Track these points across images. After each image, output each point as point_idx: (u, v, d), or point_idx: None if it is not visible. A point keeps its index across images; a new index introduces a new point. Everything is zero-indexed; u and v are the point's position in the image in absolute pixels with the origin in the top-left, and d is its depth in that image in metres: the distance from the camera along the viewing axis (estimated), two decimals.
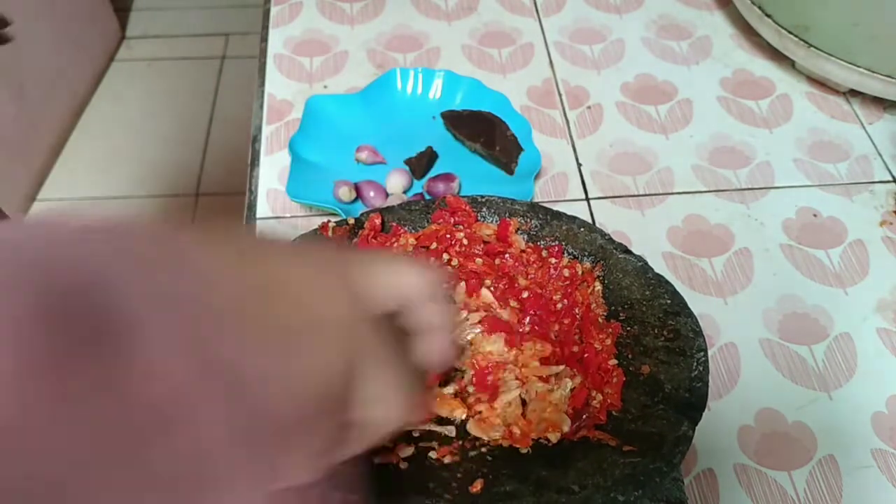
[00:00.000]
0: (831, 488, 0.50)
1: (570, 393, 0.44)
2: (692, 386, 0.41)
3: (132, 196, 1.69)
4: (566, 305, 0.48)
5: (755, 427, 0.52)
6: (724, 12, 0.83)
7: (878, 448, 0.51)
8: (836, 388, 0.54)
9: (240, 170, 0.77)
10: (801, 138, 0.71)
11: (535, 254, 0.50)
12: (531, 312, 0.48)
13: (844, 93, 0.74)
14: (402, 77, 0.71)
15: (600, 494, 0.36)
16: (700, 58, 0.78)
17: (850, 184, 0.67)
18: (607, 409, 0.42)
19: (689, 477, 0.50)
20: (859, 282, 0.60)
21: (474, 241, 0.50)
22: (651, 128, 0.71)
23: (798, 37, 0.71)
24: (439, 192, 0.62)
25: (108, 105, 1.86)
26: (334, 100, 0.69)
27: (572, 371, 0.45)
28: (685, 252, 0.62)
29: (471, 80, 0.70)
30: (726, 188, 0.66)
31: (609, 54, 0.78)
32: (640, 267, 0.48)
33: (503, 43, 0.79)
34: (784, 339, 0.57)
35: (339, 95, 0.70)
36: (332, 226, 0.50)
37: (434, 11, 0.82)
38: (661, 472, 0.37)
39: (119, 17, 2.02)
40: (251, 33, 2.02)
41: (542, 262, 0.49)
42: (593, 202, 0.65)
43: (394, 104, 0.70)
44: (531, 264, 0.49)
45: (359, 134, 0.68)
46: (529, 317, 0.48)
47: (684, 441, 0.39)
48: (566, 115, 0.72)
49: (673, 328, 0.44)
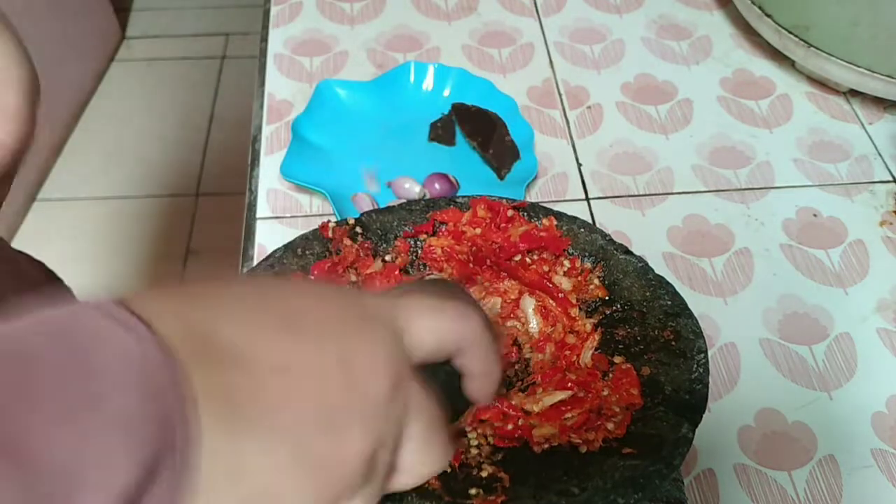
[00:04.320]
0: (831, 488, 0.50)
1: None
2: (692, 388, 0.41)
3: (132, 196, 1.69)
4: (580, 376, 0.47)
5: (755, 427, 0.52)
6: (724, 12, 0.83)
7: (878, 448, 0.51)
8: (836, 388, 0.54)
9: (240, 170, 0.77)
10: (801, 138, 0.71)
11: None
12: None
13: (844, 93, 0.74)
14: (417, 71, 0.71)
15: (600, 497, 0.36)
16: (700, 58, 0.78)
17: (850, 184, 0.67)
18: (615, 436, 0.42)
19: (689, 477, 0.50)
20: (859, 282, 0.60)
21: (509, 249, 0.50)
22: (651, 128, 0.71)
23: (798, 37, 0.71)
24: (436, 192, 0.62)
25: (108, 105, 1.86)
26: (346, 85, 0.71)
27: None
28: (685, 252, 0.62)
29: (483, 80, 0.71)
30: (726, 188, 0.66)
31: (609, 54, 0.78)
32: (641, 268, 0.48)
33: (503, 43, 0.79)
34: (784, 339, 0.57)
35: (351, 81, 0.71)
36: (332, 226, 0.50)
37: (434, 11, 0.82)
38: (661, 475, 0.37)
39: (119, 17, 2.02)
40: (251, 33, 2.02)
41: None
42: (593, 202, 0.65)
43: (404, 96, 0.71)
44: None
45: (366, 121, 0.70)
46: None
47: (684, 443, 0.39)
48: (566, 115, 0.72)
49: (673, 329, 0.44)
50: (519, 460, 0.41)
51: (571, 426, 0.42)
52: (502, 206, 0.50)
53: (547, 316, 0.48)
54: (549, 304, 0.49)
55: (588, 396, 0.44)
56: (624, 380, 0.43)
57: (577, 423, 0.42)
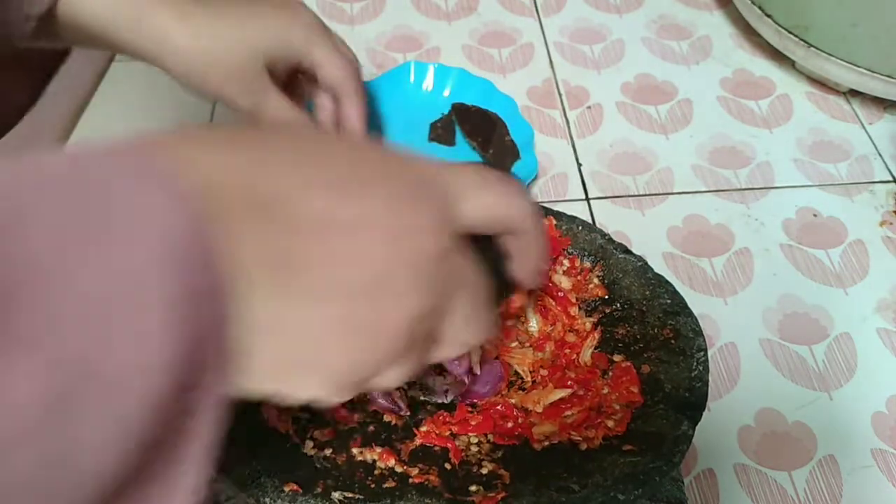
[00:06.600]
0: (831, 488, 0.50)
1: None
2: (692, 385, 0.41)
3: None
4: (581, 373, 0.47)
5: (755, 427, 0.52)
6: (724, 12, 0.83)
7: (878, 448, 0.51)
8: (836, 388, 0.54)
9: None
10: (802, 138, 0.71)
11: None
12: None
13: (844, 93, 0.74)
14: (417, 71, 0.71)
15: (600, 493, 0.36)
16: (700, 58, 0.78)
17: (850, 184, 0.67)
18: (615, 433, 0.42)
19: (689, 477, 0.50)
20: (859, 282, 0.60)
21: None
22: (651, 128, 0.71)
23: (798, 37, 0.71)
24: None
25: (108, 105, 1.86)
26: None
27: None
28: (685, 252, 0.61)
29: (483, 80, 0.71)
30: (726, 188, 0.66)
31: (609, 54, 0.78)
32: (640, 267, 0.48)
33: (503, 43, 0.79)
34: (784, 339, 0.57)
35: None
36: None
37: (434, 11, 0.82)
38: (660, 472, 0.37)
39: None
40: None
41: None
42: (593, 202, 0.65)
43: (404, 96, 0.71)
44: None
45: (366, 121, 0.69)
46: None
47: (684, 440, 0.39)
48: (566, 115, 0.72)
49: (673, 328, 0.44)
50: (519, 457, 0.41)
51: (571, 424, 0.42)
52: None
53: (546, 315, 0.48)
54: (549, 303, 0.49)
55: (588, 394, 0.44)
56: (624, 378, 0.43)
57: (578, 420, 0.42)
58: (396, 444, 0.42)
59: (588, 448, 0.40)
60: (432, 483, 0.39)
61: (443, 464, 0.41)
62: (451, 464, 0.41)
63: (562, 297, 0.48)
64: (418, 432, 0.42)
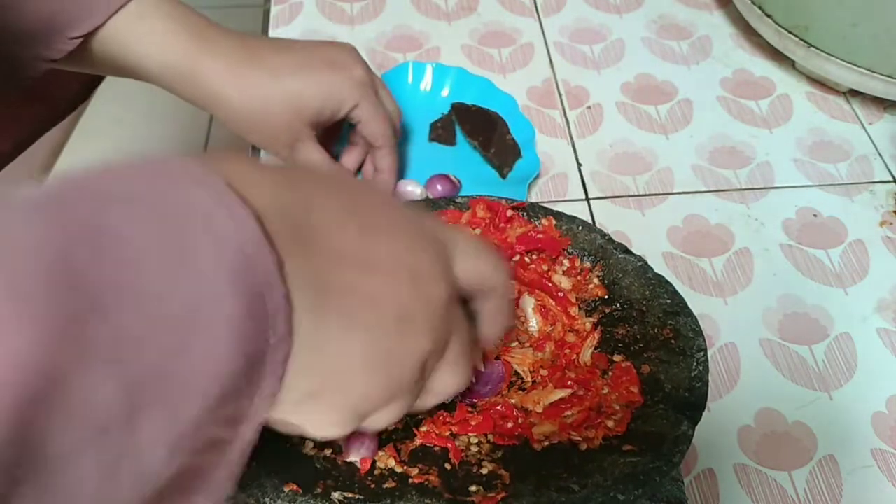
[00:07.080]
0: (831, 488, 0.50)
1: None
2: (692, 385, 0.41)
3: None
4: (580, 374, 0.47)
5: (755, 427, 0.52)
6: (724, 12, 0.83)
7: (878, 448, 0.51)
8: (836, 388, 0.54)
9: None
10: (802, 138, 0.71)
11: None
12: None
13: (844, 93, 0.74)
14: (415, 71, 0.71)
15: (600, 493, 0.36)
16: (700, 58, 0.78)
17: (851, 184, 0.67)
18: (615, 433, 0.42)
19: (689, 477, 0.50)
20: (859, 282, 0.60)
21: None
22: (651, 128, 0.71)
23: (798, 37, 0.71)
24: (438, 194, 0.62)
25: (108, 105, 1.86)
26: None
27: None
28: (685, 252, 0.61)
29: (482, 79, 0.71)
30: (726, 188, 0.66)
31: (609, 54, 0.78)
32: (640, 267, 0.48)
33: (503, 43, 0.79)
34: (784, 339, 0.57)
35: None
36: None
37: (434, 11, 0.82)
38: (660, 472, 0.37)
39: None
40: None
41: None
42: (593, 202, 0.65)
43: (403, 97, 0.71)
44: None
45: None
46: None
47: (684, 440, 0.39)
48: (566, 115, 0.72)
49: (673, 328, 0.44)
50: (519, 458, 0.41)
51: (571, 424, 0.42)
52: (501, 206, 0.50)
53: (546, 315, 0.48)
54: (549, 303, 0.49)
55: (588, 394, 0.44)
56: (624, 378, 0.43)
57: (577, 420, 0.42)
58: (396, 444, 0.42)
59: (588, 448, 0.40)
60: (432, 483, 0.39)
61: (443, 464, 0.41)
62: (450, 464, 0.41)
63: (562, 297, 0.48)
64: (418, 432, 0.42)
